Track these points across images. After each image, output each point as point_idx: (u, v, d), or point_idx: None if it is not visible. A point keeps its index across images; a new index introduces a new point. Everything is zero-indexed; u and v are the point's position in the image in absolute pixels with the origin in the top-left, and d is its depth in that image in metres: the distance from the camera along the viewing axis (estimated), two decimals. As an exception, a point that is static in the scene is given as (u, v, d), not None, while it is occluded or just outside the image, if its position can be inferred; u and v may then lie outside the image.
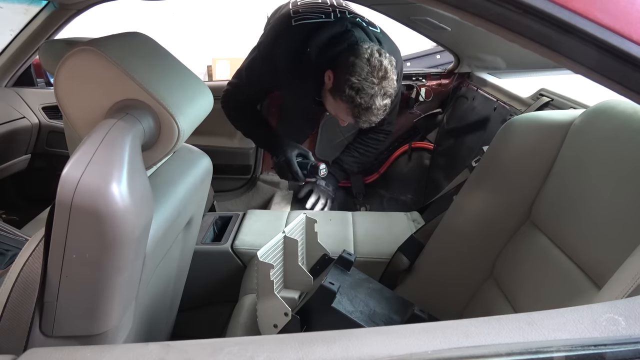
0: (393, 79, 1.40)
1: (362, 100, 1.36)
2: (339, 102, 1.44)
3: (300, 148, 1.71)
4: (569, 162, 0.93)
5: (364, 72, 1.36)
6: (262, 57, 1.61)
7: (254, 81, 1.65)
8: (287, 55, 1.54)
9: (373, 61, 1.36)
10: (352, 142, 1.99)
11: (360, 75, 1.36)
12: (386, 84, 1.38)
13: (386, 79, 1.38)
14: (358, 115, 1.41)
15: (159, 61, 0.78)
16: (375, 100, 1.37)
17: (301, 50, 1.51)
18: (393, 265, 1.30)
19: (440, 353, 0.47)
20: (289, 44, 1.54)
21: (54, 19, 1.80)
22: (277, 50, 1.56)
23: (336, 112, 1.51)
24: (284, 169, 1.68)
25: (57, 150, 2.08)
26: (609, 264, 0.69)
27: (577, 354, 0.47)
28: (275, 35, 1.59)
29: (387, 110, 1.43)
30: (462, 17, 0.63)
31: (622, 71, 0.58)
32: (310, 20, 1.55)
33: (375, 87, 1.36)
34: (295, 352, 0.47)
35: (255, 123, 1.80)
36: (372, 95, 1.36)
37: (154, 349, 0.49)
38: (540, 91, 1.50)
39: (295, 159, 1.67)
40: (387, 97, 1.40)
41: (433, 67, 2.28)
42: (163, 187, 0.80)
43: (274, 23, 1.65)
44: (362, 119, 1.42)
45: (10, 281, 0.61)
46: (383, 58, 1.38)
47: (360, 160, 1.98)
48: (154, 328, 0.98)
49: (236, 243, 1.40)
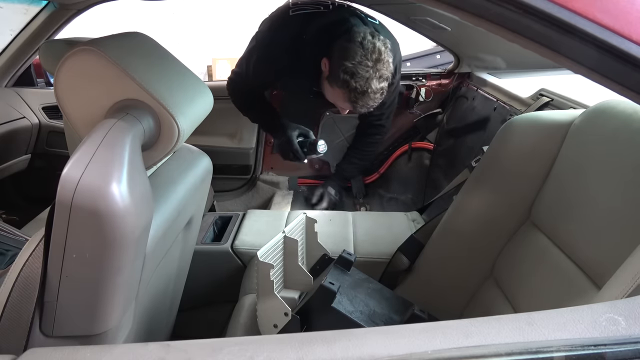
0: (388, 61, 1.38)
1: (358, 84, 1.35)
2: (335, 89, 1.43)
3: (301, 128, 1.69)
4: (568, 162, 0.93)
5: (358, 56, 1.34)
6: (259, 46, 1.61)
7: (252, 71, 1.64)
8: (283, 45, 1.53)
9: (366, 44, 1.35)
10: (350, 149, 1.97)
11: (354, 59, 1.34)
12: (381, 66, 1.36)
13: (380, 61, 1.36)
14: (355, 100, 1.39)
15: (158, 61, 0.78)
16: (371, 84, 1.35)
17: (297, 39, 1.51)
18: (393, 265, 1.30)
19: (440, 353, 0.47)
20: (286, 33, 1.54)
21: (54, 19, 1.80)
22: (273, 39, 1.56)
23: (334, 99, 1.50)
24: (285, 149, 1.67)
25: (57, 150, 2.08)
26: (608, 263, 0.69)
27: (577, 354, 0.47)
28: (271, 24, 1.59)
29: (384, 93, 1.41)
30: (462, 17, 0.63)
31: (622, 71, 0.58)
32: (307, 11, 1.55)
33: (370, 70, 1.34)
34: (295, 352, 0.47)
35: (257, 108, 1.79)
36: (367, 78, 1.35)
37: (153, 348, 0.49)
38: (540, 91, 1.50)
39: (296, 138, 1.66)
40: (384, 80, 1.38)
41: (433, 67, 2.28)
42: (163, 187, 0.80)
43: (272, 14, 1.65)
44: (359, 103, 1.40)
45: (10, 281, 0.61)
46: (376, 40, 1.37)
47: (360, 165, 1.98)
48: (154, 328, 0.98)
49: (236, 243, 1.40)
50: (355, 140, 1.98)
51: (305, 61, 1.51)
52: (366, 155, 1.96)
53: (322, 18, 1.51)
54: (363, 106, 1.42)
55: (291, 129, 1.66)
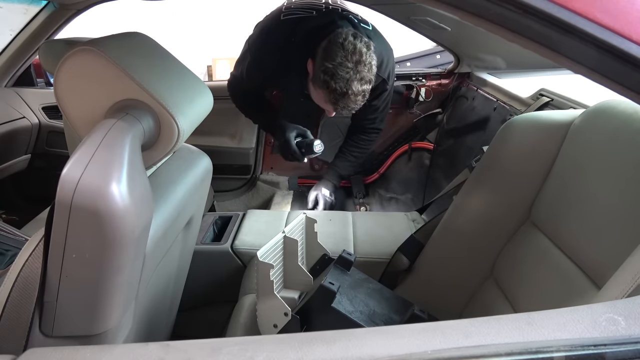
0: (370, 63, 1.36)
1: (337, 85, 1.33)
2: (317, 90, 1.41)
3: (299, 128, 1.69)
4: (568, 162, 0.93)
5: (338, 57, 1.32)
6: (251, 50, 1.61)
7: (246, 75, 1.65)
8: (274, 48, 1.53)
9: (347, 45, 1.33)
10: (344, 145, 1.95)
11: (334, 60, 1.32)
12: (362, 68, 1.34)
13: (361, 62, 1.34)
14: (335, 101, 1.37)
15: (158, 61, 0.78)
16: (352, 85, 1.33)
17: (287, 43, 1.51)
18: (393, 265, 1.30)
19: (439, 353, 0.47)
20: (275, 36, 1.54)
21: (54, 19, 1.80)
22: (264, 42, 1.56)
23: (317, 100, 1.48)
24: (284, 150, 1.68)
25: (57, 150, 2.09)
26: (608, 263, 0.69)
27: (576, 354, 0.46)
28: (263, 28, 1.60)
29: (366, 96, 1.40)
30: (462, 17, 0.63)
31: (622, 71, 0.58)
32: (298, 15, 1.54)
33: (350, 71, 1.32)
34: (294, 352, 0.47)
35: (257, 109, 1.79)
36: (348, 79, 1.32)
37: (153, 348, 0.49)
38: (540, 91, 1.49)
39: (295, 139, 1.66)
40: (365, 82, 1.36)
41: (433, 67, 2.28)
42: (163, 187, 0.80)
43: (264, 17, 1.65)
44: (340, 105, 1.38)
45: (10, 281, 0.61)
46: (357, 42, 1.34)
47: (355, 163, 1.97)
48: (154, 328, 0.98)
49: (236, 243, 1.40)
50: (348, 138, 1.96)
51: (295, 64, 1.51)
52: (361, 152, 1.95)
53: (312, 21, 1.51)
54: (344, 108, 1.40)
55: (289, 130, 1.66)
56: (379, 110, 1.75)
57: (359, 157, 1.95)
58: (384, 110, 1.80)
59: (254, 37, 1.64)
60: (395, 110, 2.19)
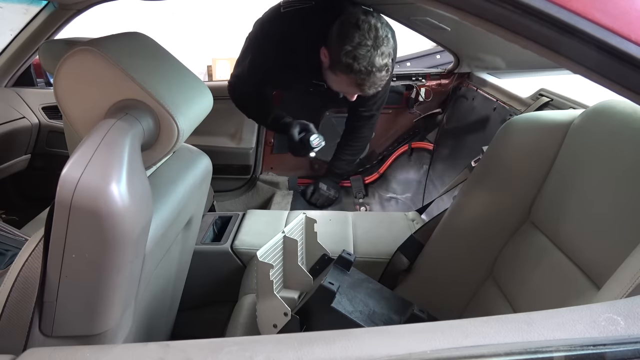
0: (387, 36, 1.37)
1: (361, 66, 1.33)
2: (340, 76, 1.41)
3: (302, 123, 1.68)
4: (568, 162, 0.93)
5: (356, 37, 1.33)
6: (253, 46, 1.61)
7: (248, 71, 1.64)
8: (275, 37, 1.53)
9: (361, 24, 1.34)
10: (339, 146, 1.96)
11: (352, 42, 1.33)
12: (380, 43, 1.35)
13: (379, 38, 1.35)
14: (361, 82, 1.38)
15: (158, 61, 0.78)
16: (375, 62, 1.34)
17: (289, 34, 1.50)
18: (393, 265, 1.30)
19: (439, 353, 0.47)
20: (277, 29, 1.54)
21: (54, 19, 1.80)
22: (266, 37, 1.55)
23: (340, 87, 1.48)
24: (291, 147, 1.68)
25: (57, 150, 2.08)
26: (608, 263, 0.69)
27: (576, 354, 0.47)
28: (263, 23, 1.59)
29: (389, 70, 1.40)
30: (461, 17, 0.63)
31: (622, 71, 0.58)
32: (298, 7, 1.54)
33: (371, 48, 1.33)
34: (294, 352, 0.47)
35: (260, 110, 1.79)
36: (370, 57, 1.33)
37: (153, 348, 0.49)
38: (539, 91, 1.50)
39: (298, 135, 1.66)
40: (386, 55, 1.37)
41: (433, 67, 2.28)
42: (163, 187, 0.80)
43: (264, 14, 1.65)
44: (367, 84, 1.38)
45: (9, 281, 0.62)
46: (370, 18, 1.35)
47: (351, 160, 1.97)
48: (154, 328, 0.98)
49: (236, 243, 1.40)
50: (344, 136, 1.96)
51: (300, 55, 1.50)
52: (356, 148, 1.95)
53: (314, 10, 1.51)
54: (371, 86, 1.40)
55: (292, 127, 1.66)
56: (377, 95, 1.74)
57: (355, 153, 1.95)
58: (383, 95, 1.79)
59: (254, 32, 1.63)
60: (395, 110, 2.19)
